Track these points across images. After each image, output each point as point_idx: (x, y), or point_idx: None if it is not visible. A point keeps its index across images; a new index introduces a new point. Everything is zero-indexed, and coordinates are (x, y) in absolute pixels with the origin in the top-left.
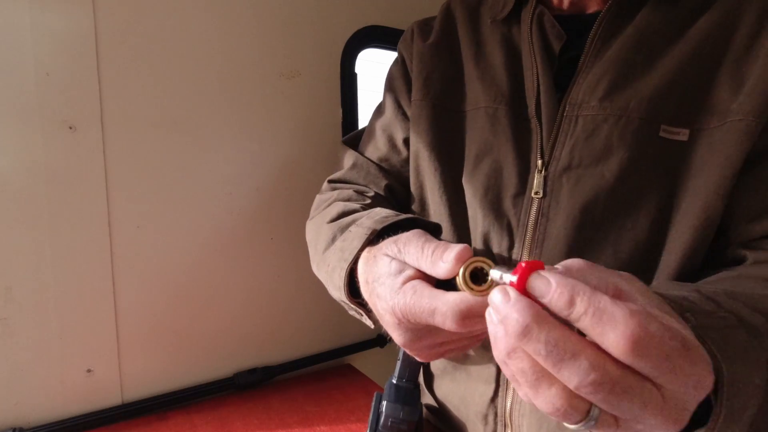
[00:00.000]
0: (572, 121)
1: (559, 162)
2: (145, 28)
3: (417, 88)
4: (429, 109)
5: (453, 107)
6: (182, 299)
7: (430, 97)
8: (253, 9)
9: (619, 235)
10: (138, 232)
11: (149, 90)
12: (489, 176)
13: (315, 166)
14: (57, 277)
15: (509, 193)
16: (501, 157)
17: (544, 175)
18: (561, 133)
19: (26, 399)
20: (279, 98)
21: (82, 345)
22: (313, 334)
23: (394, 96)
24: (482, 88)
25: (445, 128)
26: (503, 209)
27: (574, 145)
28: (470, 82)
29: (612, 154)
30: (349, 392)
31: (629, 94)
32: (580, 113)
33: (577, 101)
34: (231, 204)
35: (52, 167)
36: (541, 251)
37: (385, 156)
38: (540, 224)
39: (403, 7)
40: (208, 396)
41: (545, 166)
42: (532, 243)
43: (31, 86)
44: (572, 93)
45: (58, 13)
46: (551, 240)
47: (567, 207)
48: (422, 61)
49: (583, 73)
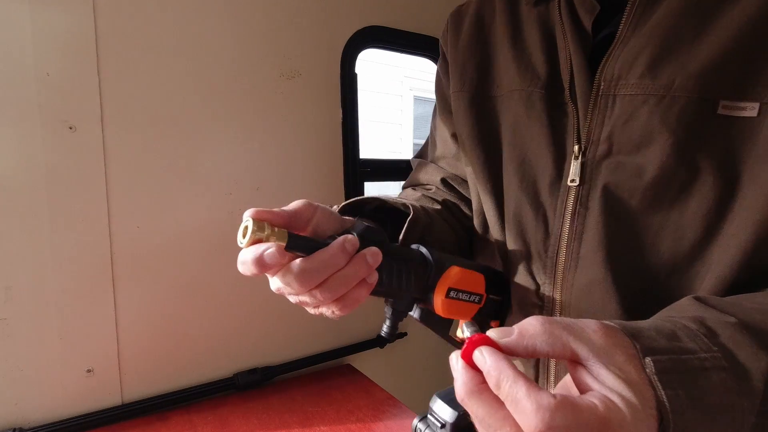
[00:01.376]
0: (609, 100)
1: (598, 147)
2: (145, 29)
3: (455, 80)
4: (467, 100)
5: (489, 93)
6: (182, 299)
7: (466, 87)
8: (254, 9)
9: (660, 231)
10: (138, 232)
11: (149, 90)
12: (523, 163)
13: (315, 166)
14: (57, 277)
15: (545, 181)
16: (535, 143)
17: (581, 162)
18: (597, 114)
19: (26, 399)
20: (279, 98)
21: (82, 345)
22: (313, 334)
23: (441, 92)
24: (517, 71)
25: (484, 115)
26: (539, 198)
27: (612, 130)
28: (506, 66)
29: (653, 140)
30: (349, 392)
31: (673, 70)
32: (617, 92)
33: (613, 76)
34: (231, 204)
35: (52, 167)
36: (580, 244)
37: (442, 153)
38: (578, 214)
39: (403, 7)
40: (208, 396)
41: (582, 151)
42: (570, 235)
43: (31, 86)
44: (607, 67)
45: (58, 13)
46: (590, 232)
47: (605, 196)
48: (458, 52)
49: (620, 45)
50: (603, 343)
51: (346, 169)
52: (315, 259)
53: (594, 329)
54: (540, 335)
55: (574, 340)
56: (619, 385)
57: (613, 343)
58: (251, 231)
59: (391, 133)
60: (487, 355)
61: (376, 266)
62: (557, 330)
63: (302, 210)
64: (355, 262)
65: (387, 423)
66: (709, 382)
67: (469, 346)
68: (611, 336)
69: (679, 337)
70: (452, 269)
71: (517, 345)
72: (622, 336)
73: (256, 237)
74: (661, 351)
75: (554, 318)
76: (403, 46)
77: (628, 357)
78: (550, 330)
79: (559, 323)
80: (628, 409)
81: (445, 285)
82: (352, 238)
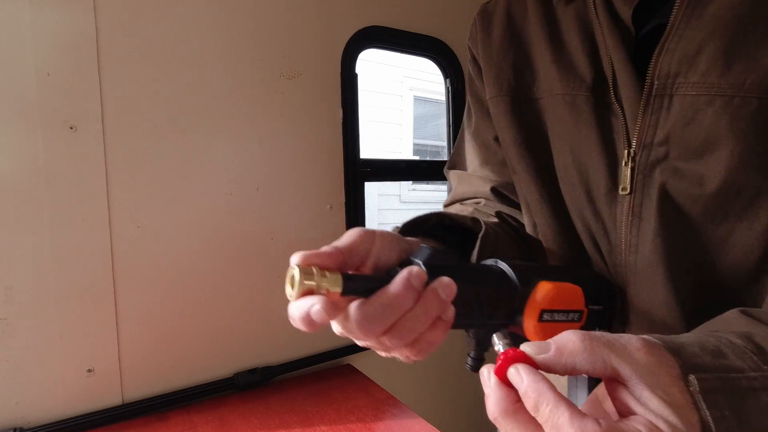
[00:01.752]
0: (664, 100)
1: (651, 151)
2: (145, 29)
3: (490, 84)
4: (506, 104)
5: (530, 95)
6: (182, 299)
7: (504, 90)
8: (254, 9)
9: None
10: (138, 232)
11: (150, 90)
12: (577, 172)
13: (315, 166)
14: (57, 277)
15: (600, 191)
16: (585, 149)
17: (631, 168)
18: (650, 116)
19: (26, 399)
20: (279, 98)
21: (82, 345)
22: (313, 334)
23: (476, 96)
24: (558, 74)
25: (527, 120)
26: (597, 208)
27: (670, 133)
28: (545, 68)
29: (719, 145)
30: (349, 392)
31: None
32: (674, 91)
33: (669, 73)
34: (231, 204)
35: (53, 167)
36: (636, 258)
37: (484, 159)
38: (633, 225)
39: (403, 7)
40: (208, 396)
41: (632, 157)
42: (627, 248)
43: (32, 86)
44: (661, 63)
45: (58, 12)
46: (646, 245)
47: (661, 206)
48: (490, 54)
49: (674, 38)
50: (646, 362)
51: (346, 169)
52: (375, 303)
53: (637, 346)
54: (580, 352)
55: (616, 357)
56: (665, 410)
57: (657, 361)
58: (298, 282)
59: (391, 133)
60: (524, 374)
61: (450, 300)
62: (598, 347)
63: (358, 242)
64: (425, 299)
65: (387, 423)
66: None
67: (503, 362)
68: (655, 354)
69: (724, 353)
70: (542, 286)
71: (555, 362)
72: (666, 354)
73: (306, 288)
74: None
75: (593, 333)
76: (403, 46)
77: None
78: (590, 347)
79: (600, 339)
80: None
81: (536, 307)
82: (418, 271)
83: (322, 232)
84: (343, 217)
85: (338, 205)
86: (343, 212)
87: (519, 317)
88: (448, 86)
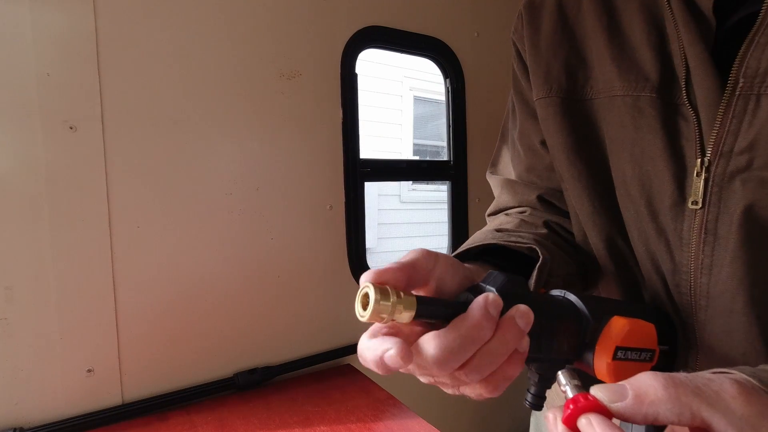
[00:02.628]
0: (749, 101)
1: (730, 160)
2: (145, 29)
3: (538, 85)
4: (556, 106)
5: (582, 96)
6: (182, 299)
7: (554, 91)
8: (254, 9)
9: None
10: (138, 232)
11: (150, 90)
12: (637, 182)
13: (315, 166)
14: (57, 277)
15: (665, 204)
16: (647, 159)
17: (704, 178)
18: (732, 120)
19: (26, 399)
20: (279, 98)
21: (82, 345)
22: (313, 334)
23: (522, 96)
24: (618, 73)
25: (579, 124)
26: (660, 224)
27: (757, 136)
28: (601, 65)
29: None
30: (349, 392)
31: None
32: (763, 90)
33: (758, 70)
34: (231, 204)
35: (53, 167)
36: (709, 281)
37: (530, 165)
38: (706, 244)
39: (403, 7)
40: (208, 396)
41: (705, 166)
42: (698, 269)
43: (32, 86)
44: (749, 59)
45: (58, 12)
46: (722, 267)
47: (742, 222)
48: (539, 50)
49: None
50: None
51: (346, 169)
52: (452, 334)
53: (732, 394)
54: (664, 402)
55: (707, 408)
56: None
57: (758, 412)
58: (373, 301)
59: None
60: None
61: (528, 330)
62: (685, 396)
63: (422, 261)
64: (503, 329)
65: (387, 423)
66: None
67: (574, 411)
68: (755, 404)
69: None
70: (616, 321)
71: (634, 412)
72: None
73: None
74: None
75: (678, 377)
76: (403, 46)
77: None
78: (675, 396)
79: (687, 386)
80: None
81: (610, 343)
82: (494, 298)
83: (322, 232)
84: (343, 217)
85: (338, 205)
86: (343, 212)
87: (588, 354)
88: (448, 86)
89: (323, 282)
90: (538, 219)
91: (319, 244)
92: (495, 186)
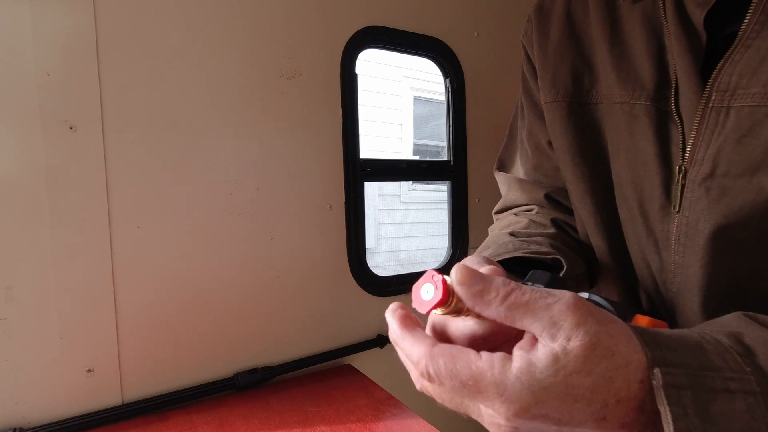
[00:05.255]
0: (720, 113)
1: (700, 167)
2: (145, 29)
3: (546, 89)
4: (562, 110)
5: (587, 100)
6: (182, 299)
7: (560, 96)
8: (254, 9)
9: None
10: (138, 232)
11: (150, 90)
12: (631, 186)
13: (315, 166)
14: (57, 277)
15: (654, 206)
16: (640, 164)
17: (681, 185)
18: (705, 131)
19: (26, 399)
20: (279, 98)
21: (82, 345)
22: (313, 334)
23: (530, 97)
24: (618, 81)
25: (584, 128)
26: (650, 225)
27: (722, 146)
28: (604, 73)
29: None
30: (349, 392)
31: None
32: (732, 103)
33: (729, 86)
34: (231, 204)
35: (53, 167)
36: (683, 279)
37: (537, 164)
38: (679, 245)
39: (403, 7)
40: (208, 396)
41: (683, 173)
42: (676, 268)
43: (32, 86)
44: (722, 74)
45: (58, 13)
46: (688, 269)
47: (706, 227)
48: (547, 55)
49: (741, 47)
50: (568, 322)
51: (346, 169)
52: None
53: (561, 308)
54: (495, 307)
55: (529, 318)
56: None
57: (575, 322)
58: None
59: (391, 133)
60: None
61: None
62: (516, 309)
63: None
64: None
65: (387, 423)
66: (731, 407)
67: (421, 280)
68: (576, 314)
69: (705, 351)
70: (640, 319)
71: (467, 300)
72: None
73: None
74: (678, 364)
75: (529, 292)
76: (403, 46)
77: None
78: (507, 307)
79: (521, 299)
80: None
81: None
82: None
83: (322, 232)
84: (343, 217)
85: (338, 205)
86: (343, 212)
87: None
88: (448, 86)
89: (323, 282)
90: (546, 217)
91: (319, 244)
92: (502, 183)
